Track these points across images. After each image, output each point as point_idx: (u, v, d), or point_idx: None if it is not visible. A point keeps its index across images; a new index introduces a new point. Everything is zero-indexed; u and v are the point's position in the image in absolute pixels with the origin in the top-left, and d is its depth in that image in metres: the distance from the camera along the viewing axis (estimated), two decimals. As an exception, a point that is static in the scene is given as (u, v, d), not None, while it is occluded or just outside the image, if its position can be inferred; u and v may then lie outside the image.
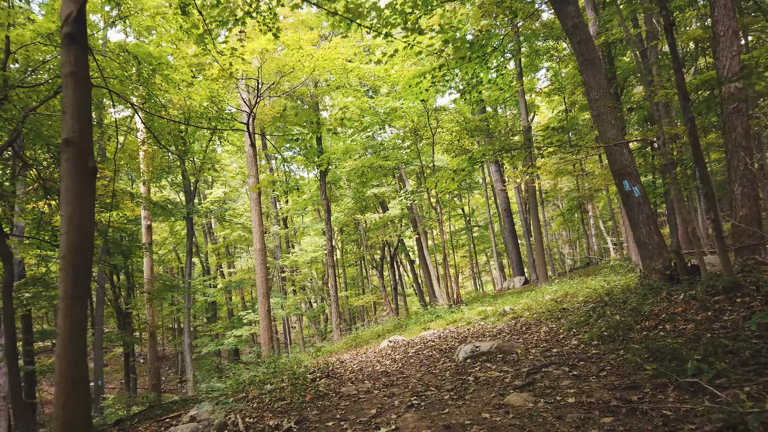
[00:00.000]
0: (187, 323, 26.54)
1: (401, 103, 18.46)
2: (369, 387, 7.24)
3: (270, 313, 17.45)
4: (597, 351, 7.05)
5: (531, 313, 11.87)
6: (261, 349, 17.42)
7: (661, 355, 5.96)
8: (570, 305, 11.77)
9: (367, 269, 37.12)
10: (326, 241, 22.39)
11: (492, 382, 6.34)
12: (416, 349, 10.70)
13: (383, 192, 23.20)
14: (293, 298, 27.61)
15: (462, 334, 11.29)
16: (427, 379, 7.29)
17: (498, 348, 7.78)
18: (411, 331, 15.08)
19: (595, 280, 14.96)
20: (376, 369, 9.48)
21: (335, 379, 9.09)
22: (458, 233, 40.51)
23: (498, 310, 13.61)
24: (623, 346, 6.88)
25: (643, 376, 5.60)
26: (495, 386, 6.12)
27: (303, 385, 8.29)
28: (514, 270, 26.89)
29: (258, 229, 17.69)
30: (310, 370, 11.26)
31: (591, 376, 5.98)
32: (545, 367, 6.60)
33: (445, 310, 17.17)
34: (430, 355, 9.53)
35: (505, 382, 6.23)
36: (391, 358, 10.46)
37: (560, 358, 7.01)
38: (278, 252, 31.19)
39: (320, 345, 27.20)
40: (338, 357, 13.58)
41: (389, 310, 30.24)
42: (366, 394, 6.88)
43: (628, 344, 6.91)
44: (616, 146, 10.12)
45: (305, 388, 7.99)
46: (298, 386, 7.97)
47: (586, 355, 6.95)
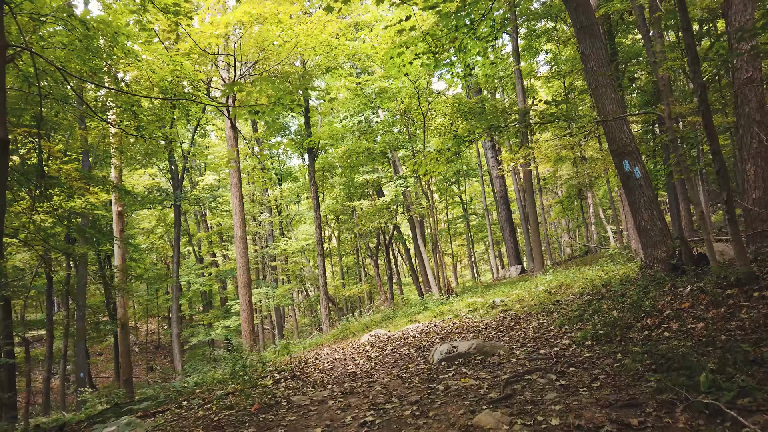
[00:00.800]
0: (175, 313, 25.58)
1: (390, 83, 17.28)
2: (326, 395, 6.18)
3: (251, 304, 16.42)
4: (591, 354, 5.97)
5: (522, 306, 10.80)
6: (242, 342, 16.42)
7: (666, 363, 4.88)
8: (564, 297, 10.70)
9: (363, 258, 36.06)
10: (315, 230, 21.32)
11: (464, 392, 5.27)
12: (395, 345, 9.65)
13: (376, 178, 22.05)
14: (283, 288, 26.58)
15: (446, 329, 10.23)
16: (394, 385, 6.22)
17: (477, 349, 6.71)
18: (397, 324, 14.04)
19: (592, 270, 13.87)
20: (347, 369, 8.44)
21: (300, 381, 8.05)
22: (455, 221, 39.39)
23: (488, 302, 12.54)
24: (621, 349, 5.81)
25: (644, 390, 4.52)
26: (467, 399, 5.05)
27: (258, 390, 7.24)
28: (510, 259, 25.80)
29: (239, 216, 16.62)
30: (280, 368, 10.24)
31: (582, 387, 4.91)
32: (529, 373, 5.53)
33: (435, 301, 16.12)
34: (406, 353, 8.47)
35: (480, 393, 5.16)
36: (367, 355, 9.42)
37: (548, 362, 5.94)
38: (270, 240, 30.14)
39: (314, 335, 26.24)
40: (317, 352, 12.58)
41: (384, 298, 29.23)
42: (319, 405, 5.82)
43: (626, 346, 5.84)
44: (615, 122, 9.00)
45: (261, 394, 6.95)
46: (247, 393, 6.92)
47: (578, 358, 5.88)
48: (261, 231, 31.26)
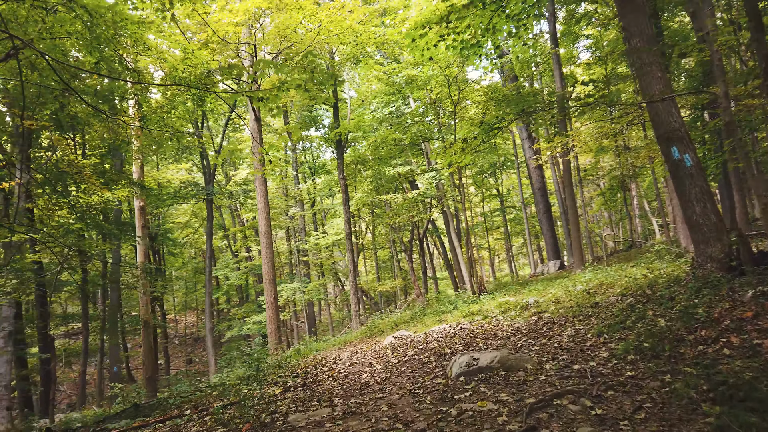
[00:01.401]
0: (208, 307, 25.38)
1: (419, 71, 16.35)
2: (326, 416, 5.43)
3: (276, 301, 15.86)
4: (633, 372, 5.04)
5: (557, 308, 9.81)
6: (268, 340, 15.90)
7: (728, 391, 3.93)
8: (604, 299, 9.66)
9: (397, 252, 35.29)
10: (344, 224, 20.64)
11: (480, 420, 4.43)
12: (416, 351, 8.84)
13: (407, 171, 21.18)
14: (314, 283, 26.04)
15: (472, 333, 9.35)
16: (403, 404, 5.42)
17: (501, 362, 5.84)
18: (424, 323, 13.23)
19: (636, 268, 12.70)
20: (361, 378, 7.69)
21: (309, 391, 7.35)
22: (492, 214, 38.18)
23: (521, 302, 11.58)
24: (670, 368, 4.86)
25: (701, 428, 3.60)
26: (482, 429, 4.22)
27: (262, 402, 6.56)
28: (549, 254, 24.59)
29: (263, 211, 16.06)
30: (295, 372, 9.58)
31: (622, 418, 4.01)
32: (559, 397, 4.65)
33: (465, 300, 15.21)
34: (425, 362, 7.66)
35: (497, 422, 4.31)
36: (386, 361, 8.64)
37: (582, 382, 5.03)
38: (303, 234, 29.67)
39: (345, 331, 25.66)
40: (338, 353, 11.88)
41: (418, 293, 28.41)
42: (315, 429, 5.06)
43: (677, 365, 4.89)
44: (662, 104, 7.92)
45: (261, 410, 6.26)
46: (248, 405, 6.24)
47: (618, 378, 4.95)
48: (293, 225, 30.82)
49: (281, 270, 34.09)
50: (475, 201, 38.22)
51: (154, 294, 31.44)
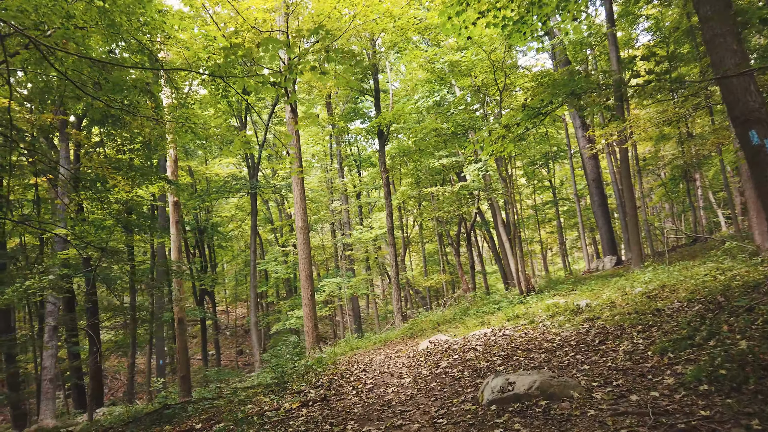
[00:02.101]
0: (253, 301, 25.15)
1: (462, 55, 15.24)
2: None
3: (313, 298, 15.21)
4: (708, 411, 3.98)
5: (612, 314, 8.65)
6: (306, 339, 15.30)
7: None
8: (667, 304, 8.44)
9: (444, 245, 34.22)
10: (386, 218, 19.81)
11: (509, 473, 3.50)
12: (450, 361, 7.91)
13: (451, 162, 20.11)
14: (357, 279, 25.34)
15: (514, 342, 8.33)
16: (421, 439, 4.54)
17: (541, 389, 4.85)
18: (466, 325, 12.26)
19: (703, 268, 11.29)
20: (387, 393, 6.85)
21: (327, 408, 6.57)
22: (544, 207, 36.51)
23: (572, 304, 10.43)
24: (758, 410, 3.77)
25: None
26: (510, 488, 3.29)
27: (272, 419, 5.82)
28: (604, 249, 23.00)
29: (300, 205, 15.42)
30: (319, 381, 8.83)
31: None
32: (611, 443, 3.65)
33: (511, 300, 14.10)
34: (458, 377, 6.73)
35: (530, 480, 3.37)
36: (416, 372, 7.77)
37: (641, 422, 4.01)
38: (347, 227, 29.04)
39: (388, 328, 24.89)
40: (372, 357, 11.08)
41: (465, 288, 27.35)
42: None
43: (767, 406, 3.79)
44: (738, 79, 6.68)
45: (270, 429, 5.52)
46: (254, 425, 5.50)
47: (689, 419, 3.90)
48: (338, 219, 30.24)
49: (326, 264, 33.67)
50: (526, 193, 36.64)
51: (203, 287, 31.71)
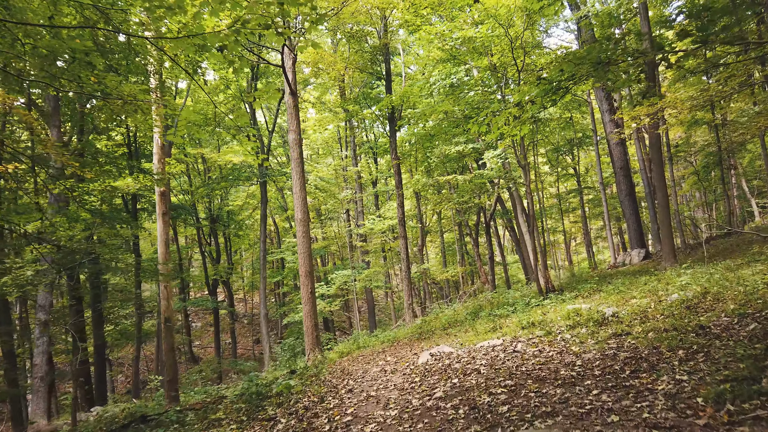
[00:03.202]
0: (263, 293, 24.03)
1: (477, 30, 13.60)
2: None
3: (314, 295, 13.88)
4: None
5: (645, 330, 7.11)
6: (305, 340, 14.02)
7: None
8: (712, 319, 6.88)
9: (464, 235, 32.61)
10: (397, 208, 18.36)
11: None
12: (447, 388, 6.49)
13: (466, 149, 18.50)
14: (369, 271, 23.95)
15: (525, 364, 6.84)
16: None
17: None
18: (476, 331, 10.79)
19: (750, 270, 9.61)
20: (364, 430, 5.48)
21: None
22: (568, 196, 34.57)
23: (596, 312, 8.88)
24: None
25: None
26: None
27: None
28: (632, 241, 21.19)
29: (299, 195, 14.06)
30: (296, 403, 7.50)
31: None
32: None
33: (528, 301, 12.54)
34: (451, 418, 5.31)
35: None
36: (406, 400, 6.37)
37: None
38: (361, 217, 27.67)
39: (399, 324, 23.53)
40: (366, 368, 9.71)
41: (484, 280, 25.82)
42: None
43: None
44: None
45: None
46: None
47: None
48: (351, 208, 28.85)
49: (340, 254, 32.36)
50: (549, 180, 34.77)
51: (215, 276, 30.75)
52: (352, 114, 22.57)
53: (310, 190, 25.32)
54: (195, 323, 40.74)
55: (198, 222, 29.82)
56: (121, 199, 22.38)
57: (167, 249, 12.63)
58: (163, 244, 12.53)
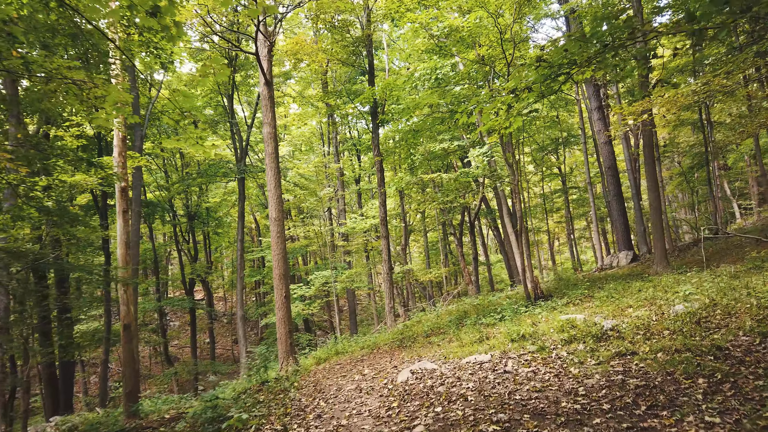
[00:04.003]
0: (240, 293, 22.87)
1: (465, 19, 12.61)
2: None
3: (289, 300, 12.84)
4: None
5: (653, 349, 6.19)
6: (278, 347, 12.97)
7: None
8: (729, 338, 5.99)
9: (447, 235, 31.70)
10: (379, 207, 17.35)
11: None
12: (429, 420, 5.51)
13: (451, 147, 17.57)
14: (350, 271, 22.92)
15: (521, 386, 5.89)
16: None
17: None
18: (461, 342, 9.81)
19: (761, 278, 8.75)
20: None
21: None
22: (553, 195, 33.84)
23: (592, 324, 7.96)
24: None
25: None
26: None
27: None
28: (619, 242, 20.42)
29: (274, 192, 13.00)
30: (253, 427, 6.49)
31: None
32: None
33: (516, 309, 11.62)
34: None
35: None
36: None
37: None
38: (343, 216, 26.61)
39: (380, 328, 22.55)
40: (341, 385, 8.69)
41: (468, 281, 24.93)
42: None
43: None
44: None
45: None
46: None
47: None
48: (332, 206, 27.79)
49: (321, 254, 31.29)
50: (534, 180, 34.02)
51: (192, 275, 29.50)
52: (333, 108, 21.49)
53: (289, 187, 24.20)
54: (173, 322, 39.37)
55: (175, 219, 28.54)
56: (91, 195, 21.13)
57: (128, 250, 11.49)
58: (123, 244, 11.39)
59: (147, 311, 29.91)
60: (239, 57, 22.35)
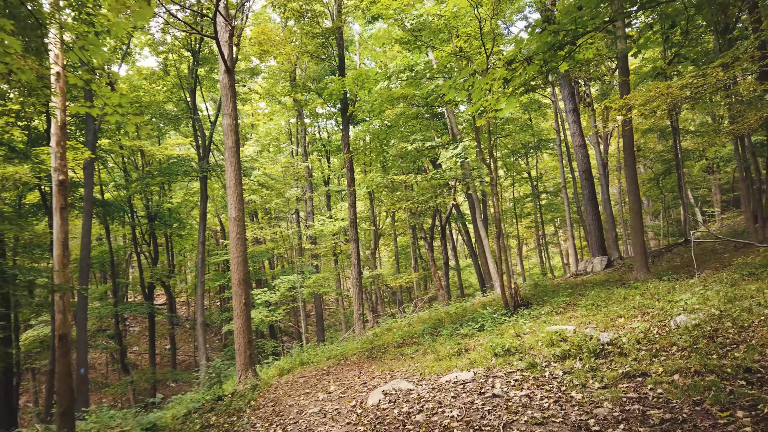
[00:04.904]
0: (200, 299, 21.37)
1: (443, 7, 11.60)
2: None
3: (249, 307, 11.56)
4: None
5: (666, 370, 5.22)
6: (236, 359, 11.68)
7: None
8: (755, 357, 5.06)
9: (417, 239, 30.71)
10: (348, 209, 16.20)
11: None
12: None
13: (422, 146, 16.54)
14: (318, 275, 21.63)
15: (517, 416, 4.83)
16: None
17: None
18: (437, 355, 8.72)
19: (765, 285, 7.91)
20: None
21: None
22: (523, 200, 33.23)
23: (586, 338, 6.99)
24: None
25: None
26: None
27: None
28: (593, 248, 19.71)
29: (234, 190, 11.73)
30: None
31: None
32: None
33: (497, 318, 10.63)
34: None
35: None
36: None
37: None
38: (311, 218, 25.32)
39: (348, 335, 21.35)
40: (302, 407, 7.50)
41: (438, 286, 23.95)
42: None
43: None
44: None
45: None
46: None
47: None
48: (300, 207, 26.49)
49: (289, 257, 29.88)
50: (505, 185, 33.38)
51: (151, 279, 27.74)
52: (302, 104, 20.26)
53: (254, 187, 22.80)
54: (133, 327, 37.27)
55: (134, 220, 26.80)
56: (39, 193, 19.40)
57: (66, 251, 10.06)
58: (60, 245, 9.96)
59: (104, 317, 28.07)
60: (203, 50, 20.95)
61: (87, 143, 17.80)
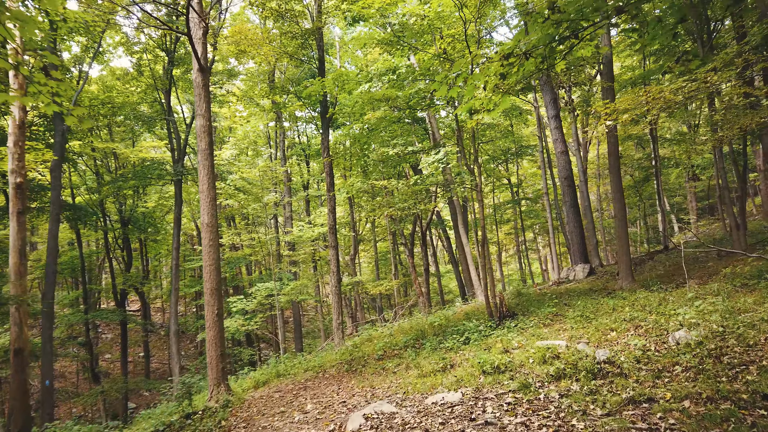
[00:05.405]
0: (174, 306, 20.48)
1: (427, 7, 11.11)
2: None
3: (221, 318, 10.86)
4: None
5: (674, 395, 4.74)
6: (208, 373, 10.98)
7: None
8: (762, 380, 4.60)
9: (398, 245, 30.16)
10: (328, 214, 15.58)
11: None
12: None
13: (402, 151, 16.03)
14: (296, 283, 20.89)
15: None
16: None
17: None
18: (421, 370, 8.15)
19: (762, 297, 7.52)
20: None
21: None
22: (503, 207, 32.95)
23: (580, 354, 6.50)
24: None
25: None
26: None
27: None
28: (575, 255, 19.38)
29: (207, 194, 11.05)
30: None
31: None
32: None
33: (482, 330, 10.11)
34: None
35: None
36: None
37: None
38: (289, 224, 24.60)
39: (327, 343, 20.69)
40: (276, 425, 6.88)
41: (419, 293, 23.40)
42: None
43: None
44: None
45: None
46: None
47: None
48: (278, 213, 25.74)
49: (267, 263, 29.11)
50: (485, 191, 33.04)
51: (123, 286, 26.68)
52: (280, 106, 19.59)
53: (231, 192, 22.02)
54: (105, 335, 35.92)
55: (106, 225, 25.74)
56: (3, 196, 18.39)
57: (23, 259, 9.27)
58: (16, 252, 9.16)
59: (74, 324, 26.89)
60: (178, 51, 20.18)
61: (55, 144, 16.88)
